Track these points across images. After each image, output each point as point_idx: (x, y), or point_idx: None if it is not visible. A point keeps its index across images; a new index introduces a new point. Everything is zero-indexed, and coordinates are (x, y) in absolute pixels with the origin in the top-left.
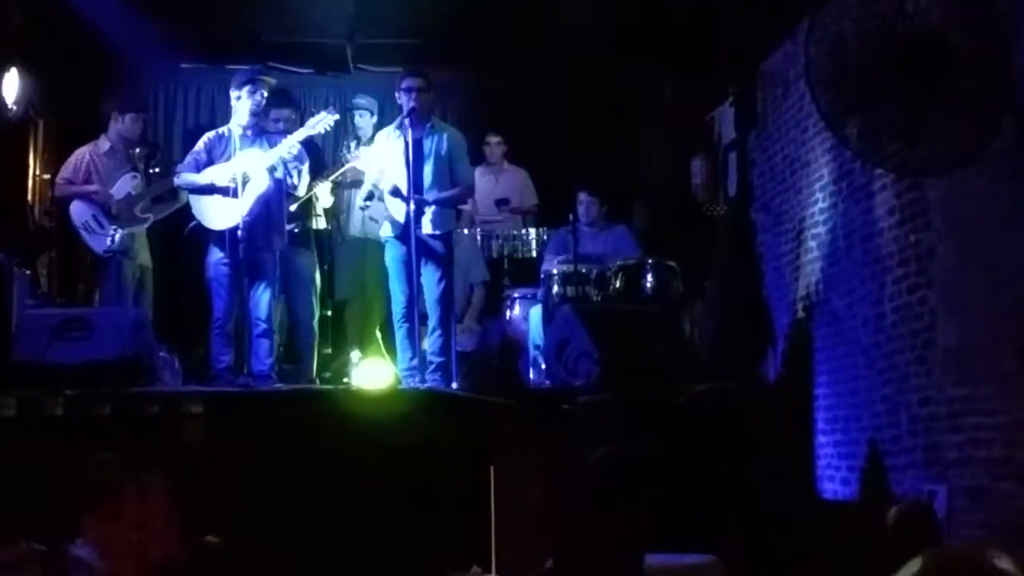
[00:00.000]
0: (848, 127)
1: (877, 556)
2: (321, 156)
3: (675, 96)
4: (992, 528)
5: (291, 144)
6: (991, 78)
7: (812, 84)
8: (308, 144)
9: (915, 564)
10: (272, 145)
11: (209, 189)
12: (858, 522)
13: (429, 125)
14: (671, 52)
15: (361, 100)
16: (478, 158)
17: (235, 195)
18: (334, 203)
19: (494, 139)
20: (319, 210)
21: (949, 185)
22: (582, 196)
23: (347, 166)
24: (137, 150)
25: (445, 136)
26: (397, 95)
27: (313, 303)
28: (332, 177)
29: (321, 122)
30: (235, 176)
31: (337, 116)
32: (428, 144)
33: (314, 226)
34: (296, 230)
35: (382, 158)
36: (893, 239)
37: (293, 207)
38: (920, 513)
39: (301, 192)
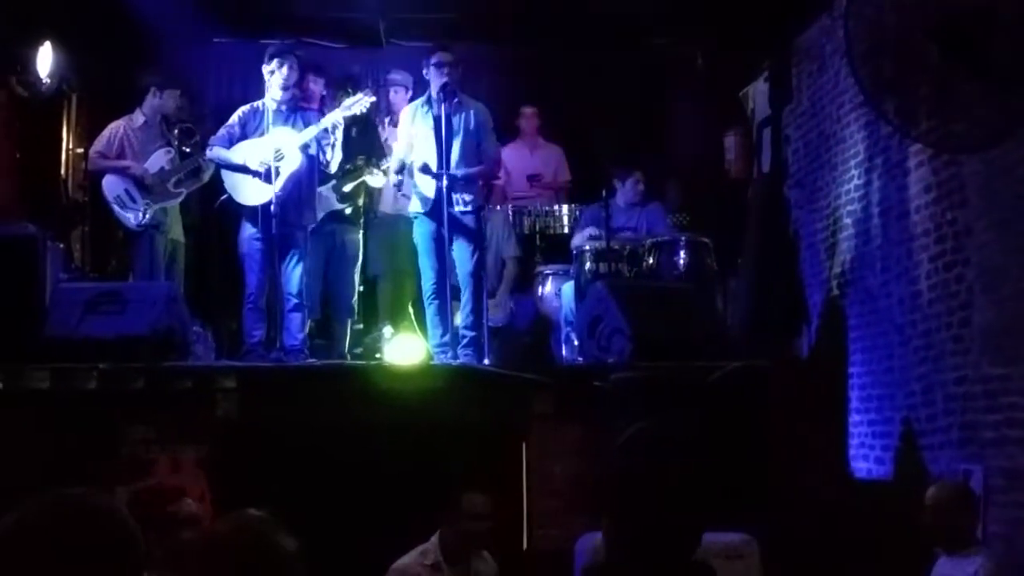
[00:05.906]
0: (886, 102)
1: (912, 535)
2: (379, 139)
3: (709, 71)
4: None
5: (326, 124)
6: None
7: (851, 58)
8: (367, 127)
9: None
10: (306, 121)
11: (242, 168)
12: (892, 501)
13: (457, 101)
14: (705, 26)
15: (396, 76)
16: (512, 131)
17: (268, 178)
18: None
19: (528, 110)
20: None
21: (985, 162)
22: (636, 175)
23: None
24: (177, 129)
25: (473, 112)
26: (425, 71)
27: (355, 281)
28: (383, 168)
29: (357, 103)
30: (268, 156)
31: (374, 98)
32: (457, 120)
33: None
34: (348, 210)
35: (410, 134)
36: (929, 216)
37: (348, 187)
38: (958, 492)
39: (333, 168)
